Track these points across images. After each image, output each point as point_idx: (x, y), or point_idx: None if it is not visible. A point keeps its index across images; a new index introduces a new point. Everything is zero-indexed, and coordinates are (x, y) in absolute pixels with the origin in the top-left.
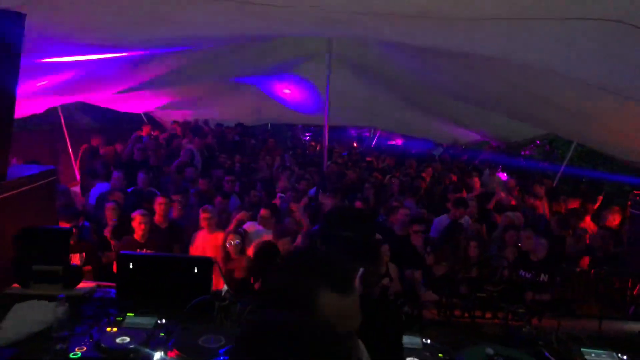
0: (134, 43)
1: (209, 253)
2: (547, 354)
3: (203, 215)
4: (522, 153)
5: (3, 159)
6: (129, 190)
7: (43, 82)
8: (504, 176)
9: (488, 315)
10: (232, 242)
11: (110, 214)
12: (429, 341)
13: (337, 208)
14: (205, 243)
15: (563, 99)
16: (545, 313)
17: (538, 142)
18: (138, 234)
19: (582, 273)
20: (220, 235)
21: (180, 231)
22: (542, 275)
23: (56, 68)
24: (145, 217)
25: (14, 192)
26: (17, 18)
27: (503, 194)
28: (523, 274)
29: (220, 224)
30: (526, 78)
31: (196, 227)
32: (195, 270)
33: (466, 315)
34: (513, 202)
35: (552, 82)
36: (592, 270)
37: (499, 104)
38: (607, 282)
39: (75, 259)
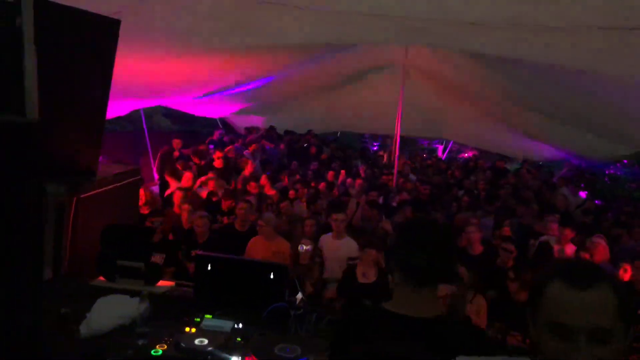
0: (218, 50)
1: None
2: None
3: (260, 223)
4: (607, 172)
5: (95, 157)
6: None
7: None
8: (583, 195)
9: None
10: (305, 246)
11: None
12: None
13: (410, 224)
14: (262, 251)
15: None
16: None
17: (625, 161)
18: (198, 234)
19: None
20: (282, 241)
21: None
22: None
23: (141, 73)
24: (204, 219)
25: (103, 189)
26: (112, 24)
27: None
28: None
29: (281, 230)
30: (614, 91)
31: None
32: (271, 276)
33: None
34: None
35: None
36: None
37: (582, 119)
38: None
39: (157, 258)
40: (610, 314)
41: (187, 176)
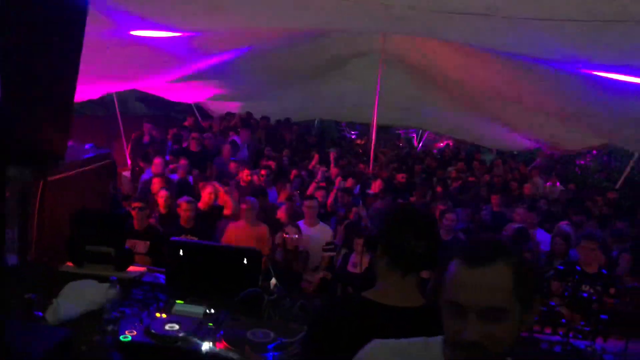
0: (192, 30)
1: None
2: None
3: (243, 207)
4: (577, 163)
5: (63, 139)
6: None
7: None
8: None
9: (547, 330)
10: (290, 234)
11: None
12: None
13: (400, 210)
14: (244, 235)
15: (625, 107)
16: (612, 332)
17: (595, 152)
18: (184, 220)
19: None
20: (263, 228)
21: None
22: (600, 288)
23: (113, 53)
24: (192, 204)
25: (72, 172)
26: None
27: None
28: (586, 289)
29: (261, 217)
30: (588, 84)
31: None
32: (245, 261)
33: None
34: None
35: (615, 89)
36: None
37: (555, 110)
38: None
39: (141, 246)
40: (505, 292)
41: (156, 162)
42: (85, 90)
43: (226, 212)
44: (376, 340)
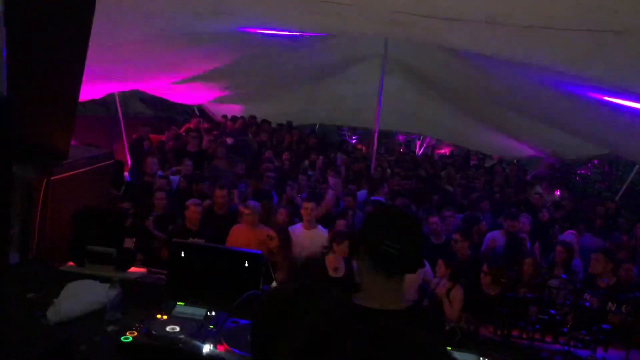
0: (195, 34)
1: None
2: None
3: (246, 211)
4: (578, 172)
5: (66, 139)
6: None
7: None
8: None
9: (548, 338)
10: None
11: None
12: None
13: (382, 211)
14: (246, 239)
15: (628, 118)
16: (613, 343)
17: (596, 161)
18: (191, 223)
19: None
20: (265, 232)
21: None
22: (610, 304)
23: (116, 55)
24: (199, 207)
25: (74, 172)
26: (87, 1)
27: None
28: (588, 298)
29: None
30: (588, 93)
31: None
32: (246, 264)
33: (524, 336)
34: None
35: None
36: None
37: (558, 119)
38: None
39: (129, 242)
40: None
41: (149, 161)
42: (88, 90)
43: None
44: None
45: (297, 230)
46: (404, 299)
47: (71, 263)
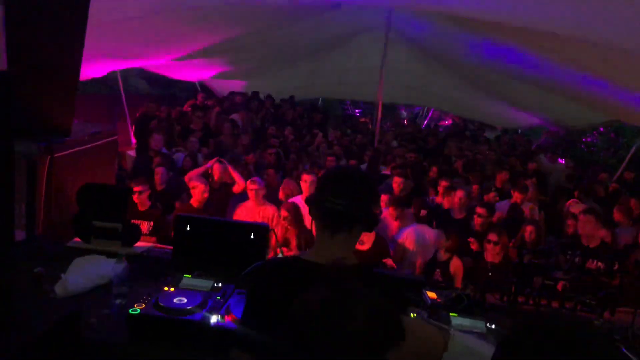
0: (195, 8)
1: None
2: (624, 349)
3: (251, 187)
4: (584, 140)
5: (69, 115)
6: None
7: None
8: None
9: (555, 304)
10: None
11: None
12: (493, 326)
13: (333, 171)
14: (252, 215)
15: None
16: (619, 305)
17: (602, 129)
18: (197, 201)
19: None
20: (270, 208)
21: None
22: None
23: (117, 30)
24: (207, 186)
25: (78, 148)
26: None
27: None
28: (591, 262)
29: (269, 196)
30: (594, 57)
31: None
32: (252, 236)
33: (531, 302)
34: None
35: (623, 61)
36: None
37: (561, 85)
38: None
39: (144, 226)
40: None
41: (156, 137)
42: (89, 69)
43: (236, 189)
44: None
45: (297, 202)
46: (353, 257)
47: (77, 239)
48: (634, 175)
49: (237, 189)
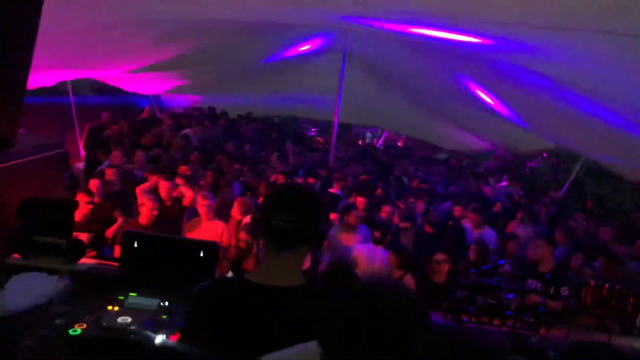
0: (151, 20)
1: None
2: None
3: (202, 202)
4: (528, 165)
5: (13, 125)
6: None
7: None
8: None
9: (496, 322)
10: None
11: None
12: None
13: (276, 189)
14: (203, 231)
15: (575, 111)
16: (554, 324)
17: (545, 154)
18: (145, 218)
19: (596, 287)
20: (218, 224)
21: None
22: (552, 288)
23: (69, 40)
24: (156, 203)
25: (21, 160)
26: None
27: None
28: (530, 283)
29: (220, 212)
30: (539, 88)
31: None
32: (201, 254)
33: (473, 320)
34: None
35: (566, 93)
36: (607, 285)
37: (509, 111)
38: (619, 297)
39: (83, 237)
40: None
41: (115, 154)
42: (38, 77)
43: (185, 203)
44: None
45: None
46: (301, 276)
47: (16, 255)
48: (558, 194)
49: (186, 202)
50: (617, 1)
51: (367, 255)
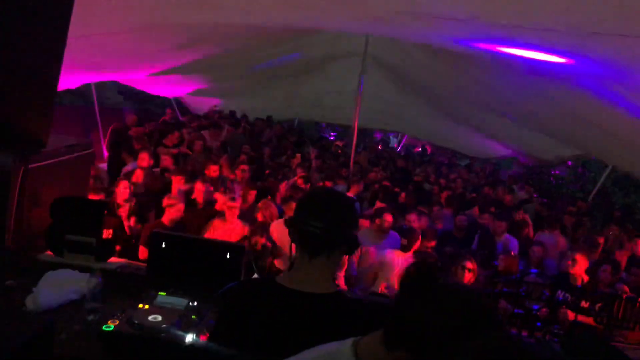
0: (175, 25)
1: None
2: None
3: (230, 205)
4: (552, 172)
5: (45, 127)
6: None
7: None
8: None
9: (524, 332)
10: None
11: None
12: None
13: (311, 193)
14: (227, 232)
15: (602, 119)
16: None
17: (570, 162)
18: (169, 219)
19: (628, 300)
20: (242, 227)
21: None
22: (584, 301)
23: (93, 46)
24: (182, 205)
25: (53, 160)
26: None
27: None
28: (561, 294)
29: (243, 214)
30: (565, 95)
31: None
32: (228, 256)
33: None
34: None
35: (591, 101)
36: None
37: (533, 120)
38: None
39: (106, 234)
40: None
41: (143, 156)
42: (63, 80)
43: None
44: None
45: (279, 226)
46: (332, 284)
47: (49, 252)
48: (588, 205)
49: (218, 207)
50: None
51: (398, 261)
